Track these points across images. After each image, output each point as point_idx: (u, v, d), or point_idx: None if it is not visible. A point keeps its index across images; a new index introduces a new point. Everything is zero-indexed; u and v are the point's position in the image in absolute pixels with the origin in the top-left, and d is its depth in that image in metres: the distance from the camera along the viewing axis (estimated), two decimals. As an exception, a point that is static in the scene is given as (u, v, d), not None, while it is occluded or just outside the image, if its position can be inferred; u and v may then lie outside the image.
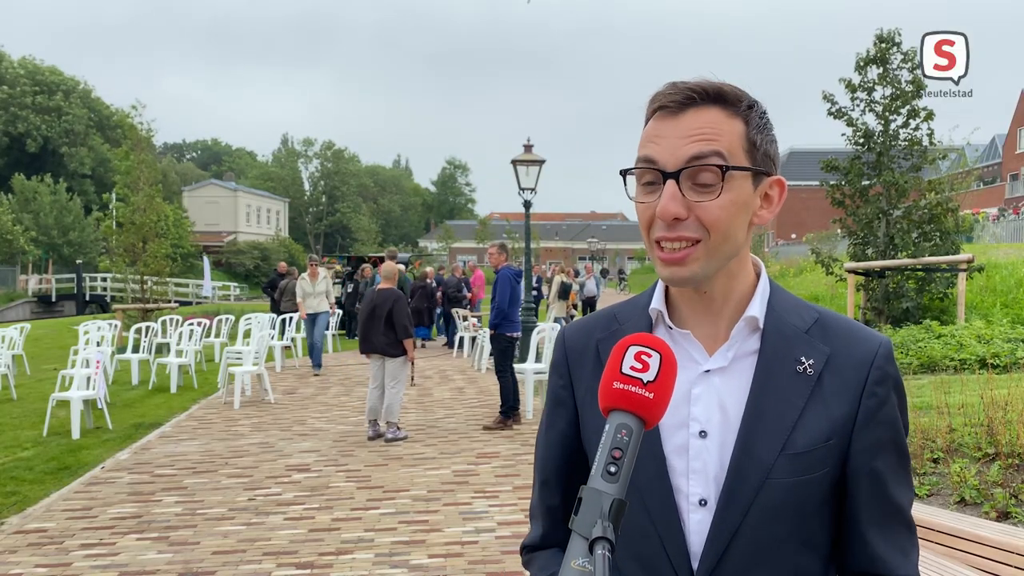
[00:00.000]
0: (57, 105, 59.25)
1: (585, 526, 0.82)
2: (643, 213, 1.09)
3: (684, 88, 1.07)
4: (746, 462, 1.06)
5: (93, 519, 5.86)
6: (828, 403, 1.08)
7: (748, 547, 1.06)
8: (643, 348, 0.91)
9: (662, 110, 1.08)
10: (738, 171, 1.06)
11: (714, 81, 1.09)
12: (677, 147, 1.05)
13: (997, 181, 51.87)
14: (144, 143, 18.44)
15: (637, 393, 0.89)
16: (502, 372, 9.04)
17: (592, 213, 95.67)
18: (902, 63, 14.38)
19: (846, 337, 1.12)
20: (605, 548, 0.80)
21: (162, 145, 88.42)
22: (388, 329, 8.36)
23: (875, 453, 1.09)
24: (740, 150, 1.07)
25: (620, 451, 0.86)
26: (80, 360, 9.91)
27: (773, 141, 1.12)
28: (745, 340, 1.12)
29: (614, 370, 0.91)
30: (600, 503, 0.83)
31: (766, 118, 1.11)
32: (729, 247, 1.08)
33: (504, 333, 9.05)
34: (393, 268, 9.00)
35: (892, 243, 14.43)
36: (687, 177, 1.05)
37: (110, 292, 38.07)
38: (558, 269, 20.68)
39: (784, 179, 1.14)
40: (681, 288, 1.14)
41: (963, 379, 7.24)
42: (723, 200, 1.05)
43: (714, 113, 1.07)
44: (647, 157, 1.07)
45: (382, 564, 4.89)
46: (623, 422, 0.88)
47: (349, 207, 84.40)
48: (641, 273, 54.86)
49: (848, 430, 1.08)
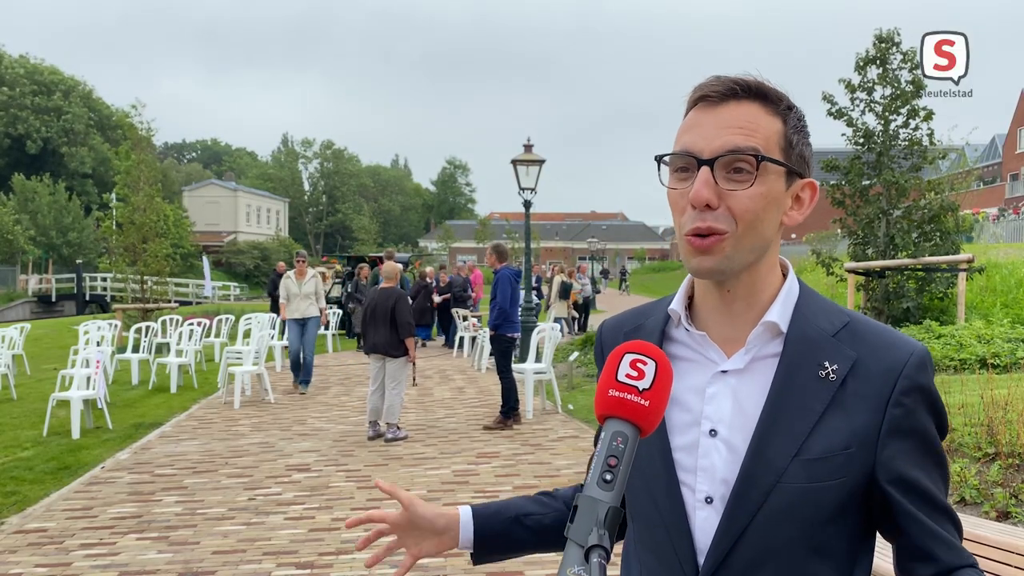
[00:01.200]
0: (57, 105, 59.22)
1: (581, 534, 0.82)
2: (675, 201, 1.09)
3: (727, 81, 1.08)
4: (758, 464, 1.06)
5: (93, 519, 5.86)
6: (849, 410, 1.06)
7: (755, 548, 1.06)
8: (639, 356, 0.91)
9: (704, 100, 1.09)
10: (772, 164, 1.07)
11: (757, 77, 1.10)
12: (715, 136, 1.06)
13: (997, 181, 51.86)
14: (144, 143, 18.43)
15: (632, 401, 0.89)
16: (504, 372, 9.06)
17: (592, 213, 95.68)
18: (902, 63, 14.39)
19: (876, 343, 1.09)
20: (601, 556, 0.80)
21: (162, 145, 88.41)
22: (390, 328, 8.39)
23: (906, 464, 1.07)
24: (776, 147, 1.08)
25: (616, 459, 0.86)
26: (80, 360, 9.90)
27: (808, 145, 1.13)
28: (765, 344, 1.11)
29: (610, 377, 0.91)
30: (596, 511, 0.83)
31: (804, 122, 1.13)
32: (756, 241, 1.08)
33: (505, 334, 9.08)
34: (394, 267, 9.02)
35: (892, 243, 14.42)
36: (721, 166, 1.05)
37: (110, 292, 38.05)
38: (558, 269, 20.66)
39: (817, 183, 1.14)
40: (706, 285, 1.13)
41: (963, 379, 7.24)
42: (754, 191, 1.05)
43: (754, 108, 1.08)
44: (684, 144, 1.08)
45: (382, 564, 4.89)
46: (619, 430, 0.88)
47: (349, 207, 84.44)
48: (641, 273, 54.84)
49: (872, 440, 1.06)
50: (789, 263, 1.18)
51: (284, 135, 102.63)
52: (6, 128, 57.55)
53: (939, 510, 1.09)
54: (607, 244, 71.48)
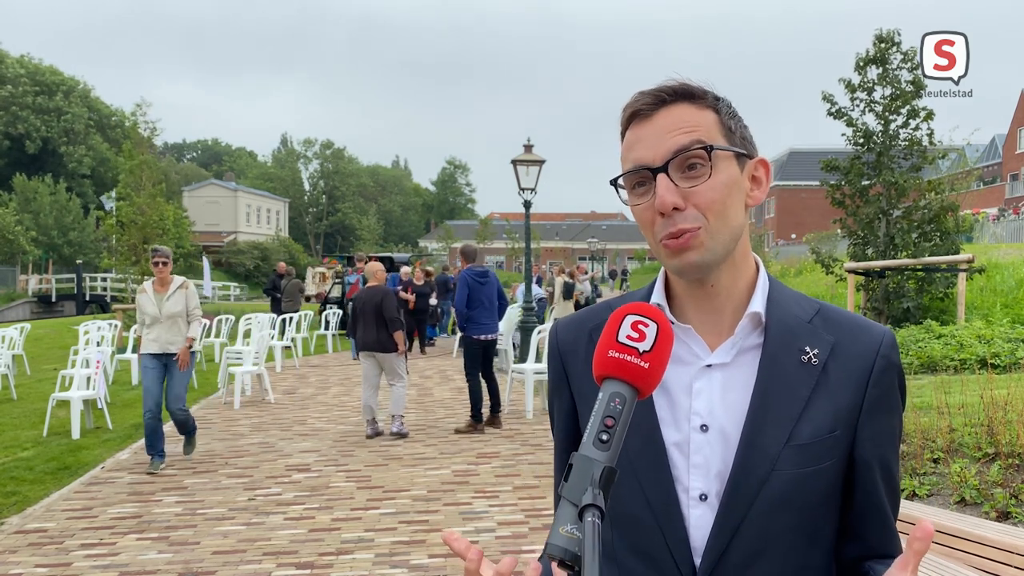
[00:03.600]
0: (57, 105, 59.20)
1: (575, 493, 0.82)
2: (642, 214, 1.10)
3: (652, 91, 1.11)
4: (751, 455, 1.06)
5: (93, 519, 5.86)
6: (834, 393, 1.09)
7: (752, 541, 1.06)
8: (640, 317, 0.91)
9: (636, 116, 1.11)
10: (723, 151, 1.09)
11: (679, 79, 1.11)
12: (659, 144, 1.07)
13: (997, 181, 51.86)
14: (146, 143, 18.46)
15: (632, 362, 0.89)
16: (468, 374, 8.93)
17: (592, 213, 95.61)
18: (902, 63, 14.39)
19: (849, 327, 1.13)
20: (595, 515, 0.79)
21: (162, 145, 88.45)
22: (380, 325, 8.53)
23: (882, 442, 1.11)
24: (719, 136, 1.09)
25: (613, 419, 0.86)
26: (80, 360, 9.91)
27: (746, 127, 1.15)
28: (748, 335, 1.13)
29: (610, 338, 0.91)
30: (591, 470, 0.83)
31: (733, 108, 1.15)
32: (729, 230, 1.09)
33: (470, 335, 8.94)
34: (377, 267, 9.21)
35: (892, 243, 14.43)
36: (676, 168, 1.06)
37: (110, 292, 38.09)
38: (558, 270, 20.59)
39: (768, 160, 1.16)
40: (687, 281, 1.14)
41: (963, 379, 7.25)
42: (714, 181, 1.07)
43: (685, 108, 1.09)
44: (633, 160, 1.10)
45: (382, 564, 4.89)
46: (617, 391, 0.88)
47: (349, 207, 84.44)
48: (641, 273, 54.85)
49: (853, 420, 1.09)
50: (759, 258, 1.20)
51: (283, 135, 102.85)
52: (6, 128, 57.51)
53: (894, 492, 1.14)
54: (607, 244, 71.48)
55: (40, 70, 60.51)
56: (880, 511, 1.12)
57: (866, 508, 1.12)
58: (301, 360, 15.27)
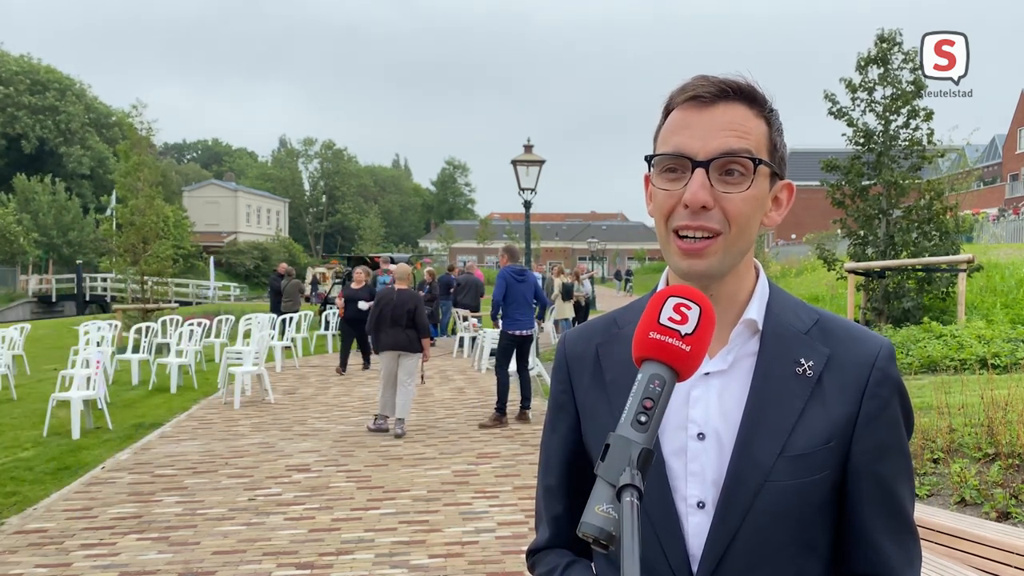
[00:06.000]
0: (53, 104, 59.07)
1: (612, 473, 0.81)
2: (664, 200, 1.08)
3: (717, 81, 1.08)
4: (745, 465, 1.05)
5: (93, 519, 5.86)
6: (828, 405, 1.07)
7: (748, 550, 1.05)
8: (683, 300, 0.91)
9: (694, 100, 1.08)
10: (766, 167, 1.08)
11: (746, 78, 1.10)
12: (709, 138, 1.05)
13: (997, 181, 51.84)
14: (143, 143, 18.44)
15: (674, 345, 0.88)
16: (498, 368, 9.29)
17: (592, 213, 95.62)
18: (903, 63, 14.40)
19: (846, 339, 1.11)
20: (634, 495, 0.79)
21: (162, 145, 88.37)
22: (410, 328, 8.68)
23: (878, 456, 1.08)
24: (764, 149, 1.09)
25: (652, 401, 0.86)
26: (80, 360, 9.91)
27: (786, 146, 1.15)
28: (744, 343, 1.12)
29: (651, 320, 0.90)
30: (629, 451, 0.83)
31: (781, 123, 1.14)
32: (744, 243, 1.09)
33: (505, 330, 9.27)
34: (406, 269, 9.30)
35: (892, 243, 14.43)
36: (716, 168, 1.05)
37: (110, 292, 38.09)
38: (557, 270, 20.53)
39: (794, 184, 1.15)
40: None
41: (963, 379, 7.24)
42: (749, 194, 1.06)
43: (744, 110, 1.08)
44: (676, 145, 1.07)
45: (382, 564, 4.89)
46: (657, 372, 0.88)
47: (349, 207, 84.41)
48: (643, 273, 54.81)
49: (848, 432, 1.07)
50: (759, 263, 1.19)
51: (283, 135, 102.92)
52: (3, 128, 57.39)
53: (893, 514, 1.09)
54: (607, 244, 71.47)
55: (36, 69, 60.30)
56: (862, 530, 1.09)
57: (850, 524, 1.10)
58: (301, 360, 15.27)
